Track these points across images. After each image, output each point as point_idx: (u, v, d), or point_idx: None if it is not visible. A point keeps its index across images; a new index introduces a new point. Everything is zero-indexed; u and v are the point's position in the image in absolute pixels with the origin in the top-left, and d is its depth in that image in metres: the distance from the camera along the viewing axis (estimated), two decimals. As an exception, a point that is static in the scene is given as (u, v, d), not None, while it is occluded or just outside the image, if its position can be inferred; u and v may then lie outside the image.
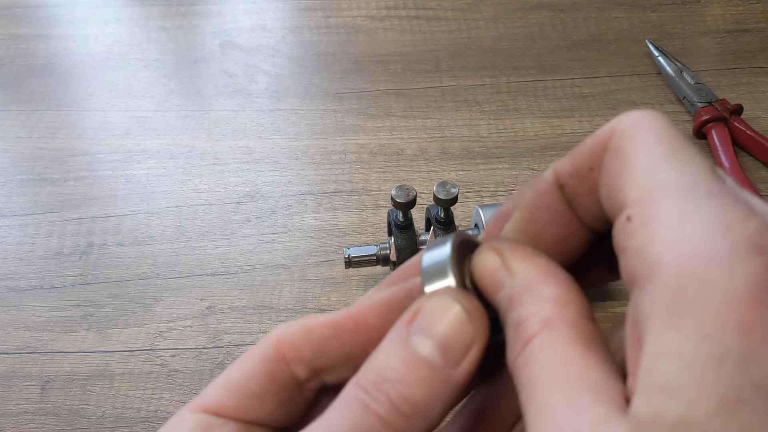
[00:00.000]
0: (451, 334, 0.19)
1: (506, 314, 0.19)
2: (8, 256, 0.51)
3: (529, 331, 0.18)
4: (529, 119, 0.60)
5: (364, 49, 0.67)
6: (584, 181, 0.20)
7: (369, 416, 0.19)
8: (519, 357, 0.18)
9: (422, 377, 0.19)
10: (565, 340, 0.18)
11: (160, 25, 0.70)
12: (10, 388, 0.44)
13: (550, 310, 0.18)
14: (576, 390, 0.17)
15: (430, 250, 0.22)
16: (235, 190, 0.55)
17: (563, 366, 0.17)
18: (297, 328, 0.22)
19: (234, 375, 0.22)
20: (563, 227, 0.21)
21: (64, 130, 0.60)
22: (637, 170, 0.17)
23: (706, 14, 0.70)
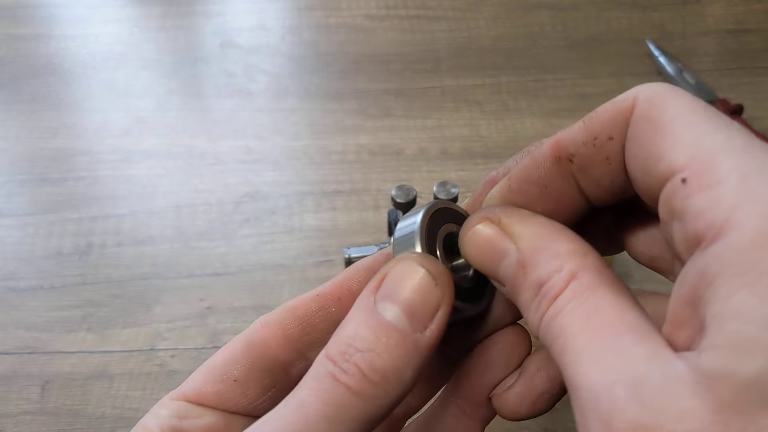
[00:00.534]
0: (416, 297, 0.19)
1: (517, 281, 0.19)
2: (8, 256, 0.51)
3: (555, 287, 0.18)
4: (530, 119, 0.60)
5: (364, 49, 0.67)
6: (600, 150, 0.19)
7: (339, 389, 0.18)
8: (546, 314, 0.18)
9: (391, 344, 0.19)
10: (594, 288, 0.17)
11: (160, 25, 0.70)
12: (10, 388, 0.44)
13: (572, 262, 0.18)
14: (616, 331, 0.16)
15: (404, 219, 0.22)
16: (235, 190, 0.55)
17: (598, 312, 0.17)
18: (280, 309, 0.22)
19: (216, 362, 0.22)
20: (553, 202, 0.21)
21: (64, 130, 0.60)
22: (681, 136, 0.17)
23: (707, 14, 0.70)
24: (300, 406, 0.18)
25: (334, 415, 0.18)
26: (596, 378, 0.16)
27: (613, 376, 0.15)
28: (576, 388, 0.16)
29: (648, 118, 0.18)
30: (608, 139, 0.19)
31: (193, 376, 0.22)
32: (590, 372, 0.16)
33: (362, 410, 0.18)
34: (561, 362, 0.17)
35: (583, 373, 0.16)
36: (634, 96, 0.19)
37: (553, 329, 0.17)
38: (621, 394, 0.15)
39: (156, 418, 0.21)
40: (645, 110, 0.18)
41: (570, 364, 0.16)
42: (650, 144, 0.18)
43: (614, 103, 0.19)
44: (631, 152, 0.19)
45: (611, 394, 0.15)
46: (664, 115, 0.18)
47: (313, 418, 0.18)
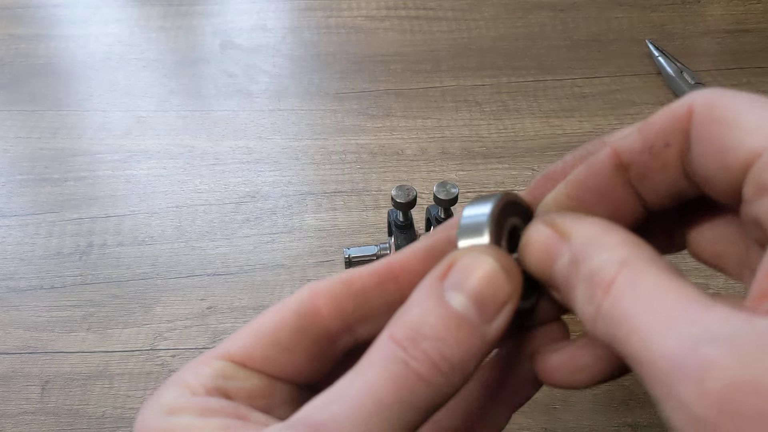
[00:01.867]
0: (486, 290, 0.19)
1: (571, 278, 0.19)
2: (8, 256, 0.51)
3: (607, 276, 0.18)
4: (529, 119, 0.60)
5: (364, 49, 0.67)
6: (657, 158, 0.20)
7: (410, 374, 0.18)
8: (603, 304, 0.17)
9: (460, 335, 0.19)
10: (649, 272, 0.17)
11: (160, 25, 0.70)
12: (10, 388, 0.44)
13: (623, 252, 0.18)
14: (683, 303, 0.16)
15: (472, 206, 0.22)
16: (235, 190, 0.55)
17: (657, 292, 0.17)
18: (335, 281, 0.22)
19: (265, 325, 0.21)
20: (611, 209, 0.21)
21: (64, 130, 0.60)
22: (755, 123, 0.18)
23: (707, 14, 0.70)
24: (372, 387, 0.18)
25: (405, 400, 0.18)
26: (676, 344, 0.15)
27: (695, 339, 0.15)
28: (651, 364, 0.16)
29: (713, 118, 0.19)
30: (665, 146, 0.20)
31: (237, 336, 0.22)
32: (667, 342, 0.15)
33: (429, 398, 0.18)
34: (628, 348, 0.16)
35: (658, 346, 0.16)
36: (689, 103, 0.19)
37: (613, 318, 0.17)
38: (711, 351, 0.15)
39: (197, 376, 0.21)
40: (706, 113, 0.19)
41: (640, 343, 0.16)
42: (724, 139, 0.18)
43: (669, 111, 0.20)
44: (701, 153, 0.19)
45: (699, 355, 0.15)
46: (728, 112, 0.19)
47: (387, 401, 0.18)
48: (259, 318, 0.22)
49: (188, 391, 0.20)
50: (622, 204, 0.21)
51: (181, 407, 0.20)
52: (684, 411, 0.15)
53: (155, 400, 0.21)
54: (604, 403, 0.43)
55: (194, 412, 0.20)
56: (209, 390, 0.20)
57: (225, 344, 0.22)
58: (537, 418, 0.42)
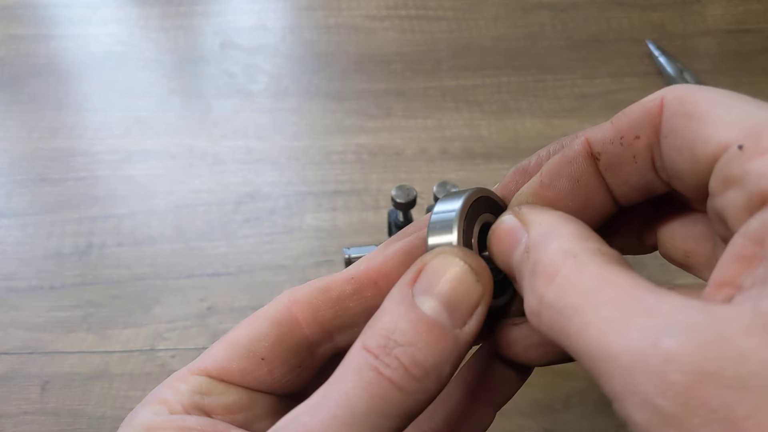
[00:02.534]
0: (457, 293, 0.19)
1: (522, 266, 0.19)
2: (8, 256, 0.51)
3: (551, 266, 0.17)
4: (530, 119, 0.60)
5: (364, 49, 0.67)
6: (628, 149, 0.20)
7: (383, 382, 0.18)
8: (545, 295, 0.17)
9: (432, 339, 0.18)
10: (596, 264, 0.17)
11: (159, 25, 0.70)
12: (10, 388, 0.44)
13: (570, 243, 0.18)
14: (636, 295, 0.16)
15: (443, 202, 0.21)
16: (235, 190, 0.55)
17: (607, 283, 0.16)
18: (312, 288, 0.22)
19: (241, 337, 0.21)
20: (582, 198, 0.21)
21: (64, 130, 0.60)
22: (724, 117, 0.18)
23: (707, 14, 0.70)
24: (345, 398, 0.18)
25: (379, 409, 0.18)
26: (634, 338, 0.15)
27: (654, 332, 0.15)
28: (608, 360, 0.15)
29: (684, 112, 0.19)
30: (635, 138, 0.20)
31: (213, 350, 0.21)
32: (624, 337, 0.15)
33: (404, 405, 0.18)
34: (581, 343, 0.16)
35: (614, 342, 0.15)
36: (661, 96, 0.19)
37: (561, 312, 0.17)
38: (672, 343, 0.14)
39: (175, 392, 0.20)
40: (678, 106, 0.19)
41: (593, 338, 0.16)
42: (693, 133, 0.18)
43: (641, 104, 0.20)
44: (672, 146, 0.19)
45: (659, 349, 0.14)
46: (699, 106, 0.18)
47: (360, 411, 0.18)
48: (234, 330, 0.22)
49: (166, 408, 0.20)
50: (594, 194, 0.21)
51: (159, 426, 0.20)
52: (647, 406, 0.14)
53: (131, 418, 0.21)
54: (605, 403, 0.43)
55: (172, 431, 0.19)
56: (187, 407, 0.20)
57: (201, 359, 0.21)
58: (537, 419, 0.42)
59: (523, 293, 0.19)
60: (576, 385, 0.43)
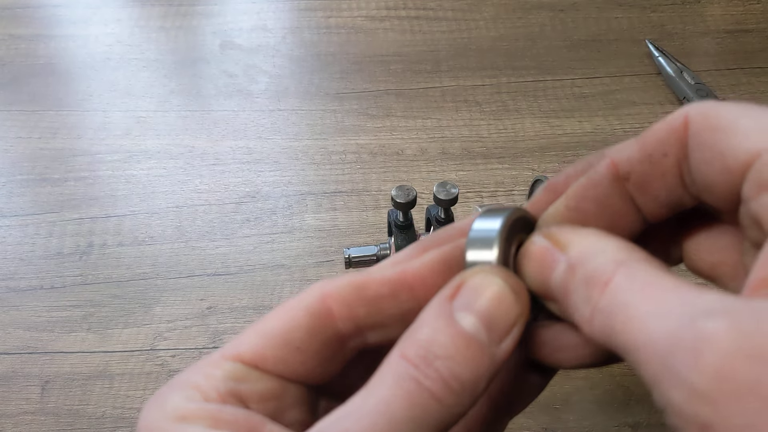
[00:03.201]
0: (496, 311, 0.20)
1: (567, 285, 0.19)
2: (8, 256, 0.51)
3: (603, 276, 0.18)
4: (529, 119, 0.60)
5: (364, 49, 0.67)
6: (656, 167, 0.20)
7: (423, 392, 0.18)
8: (599, 301, 0.18)
9: (470, 355, 0.19)
10: (644, 269, 0.18)
11: (160, 26, 0.70)
12: (10, 388, 0.44)
13: (619, 254, 0.18)
14: (678, 289, 0.17)
15: (483, 218, 0.22)
16: (235, 190, 0.55)
17: (652, 283, 0.17)
18: (347, 284, 0.22)
19: (275, 326, 0.21)
20: (609, 219, 0.21)
21: (64, 130, 0.60)
22: (751, 127, 0.18)
23: (706, 14, 0.70)
24: (385, 405, 0.18)
25: (418, 419, 0.18)
26: (673, 322, 0.16)
27: (691, 317, 0.15)
28: (648, 345, 0.16)
29: (709, 126, 0.19)
30: (663, 156, 0.20)
31: (247, 338, 0.21)
32: (663, 323, 0.16)
33: (440, 416, 0.19)
34: (624, 337, 0.17)
35: (654, 327, 0.16)
36: (684, 114, 0.20)
37: (610, 312, 0.17)
38: (708, 325, 0.15)
39: (208, 378, 0.20)
40: (703, 121, 0.20)
41: (636, 328, 0.16)
42: (721, 144, 0.19)
43: (666, 122, 0.20)
44: (700, 160, 0.19)
45: (695, 329, 0.15)
46: (724, 118, 0.19)
47: (400, 419, 0.18)
48: (268, 319, 0.22)
49: (200, 395, 0.20)
50: (621, 215, 0.21)
51: (194, 414, 0.19)
52: (682, 386, 0.15)
53: (161, 401, 0.20)
54: (605, 402, 0.43)
55: (207, 421, 0.19)
56: (222, 394, 0.20)
57: (233, 345, 0.21)
58: (537, 418, 0.42)
59: (567, 312, 0.19)
60: (576, 384, 0.43)
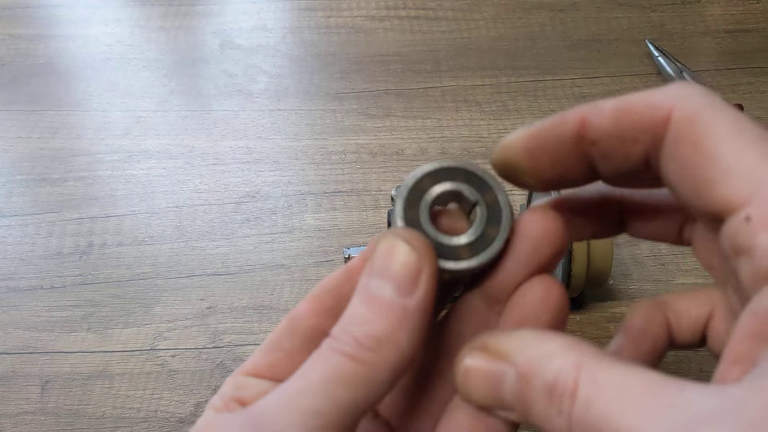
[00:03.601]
0: (398, 267, 0.20)
1: (525, 395, 0.19)
2: (8, 256, 0.51)
3: (568, 382, 0.17)
4: (530, 119, 0.60)
5: (364, 49, 0.67)
6: (624, 147, 0.20)
7: (339, 357, 0.20)
8: (573, 412, 0.17)
9: (381, 312, 0.20)
10: (605, 369, 0.17)
11: (160, 26, 0.70)
12: (10, 388, 0.44)
13: (570, 355, 0.18)
14: (654, 391, 0.16)
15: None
16: (235, 190, 0.55)
17: (622, 386, 0.17)
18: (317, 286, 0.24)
19: (267, 340, 0.24)
20: (561, 170, 0.22)
21: (64, 130, 0.60)
22: (732, 166, 0.17)
23: (706, 14, 0.70)
24: (302, 374, 0.20)
25: (333, 378, 0.19)
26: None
27: (687, 425, 0.15)
28: None
29: (692, 140, 0.18)
30: (634, 142, 0.20)
31: (252, 356, 0.24)
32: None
33: (362, 373, 0.20)
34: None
35: None
36: (670, 106, 0.19)
37: (591, 424, 0.17)
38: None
39: (220, 395, 0.23)
40: (685, 129, 0.19)
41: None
42: (698, 169, 0.18)
43: (648, 106, 0.20)
44: (676, 171, 0.19)
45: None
46: (707, 138, 0.18)
47: (312, 380, 0.20)
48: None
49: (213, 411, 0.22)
50: (574, 168, 0.22)
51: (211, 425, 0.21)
52: None
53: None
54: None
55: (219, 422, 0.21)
56: (227, 402, 0.22)
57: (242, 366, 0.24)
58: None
59: (533, 421, 0.19)
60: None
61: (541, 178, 0.22)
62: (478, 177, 0.23)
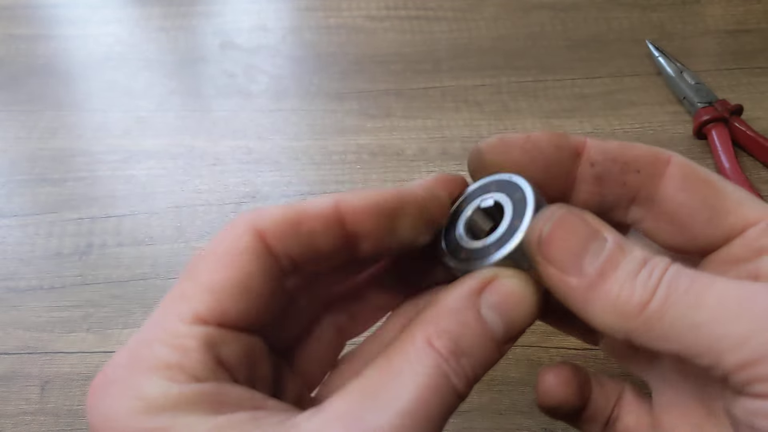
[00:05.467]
0: (518, 318, 0.21)
1: (615, 258, 0.20)
2: (8, 256, 0.51)
3: (661, 262, 0.20)
4: (530, 120, 0.60)
5: (364, 49, 0.67)
6: (623, 174, 0.23)
7: (451, 389, 0.19)
8: (665, 276, 0.19)
9: (489, 354, 0.20)
10: (687, 270, 0.20)
11: (160, 26, 0.70)
12: (10, 388, 0.44)
13: (662, 256, 0.21)
14: (730, 295, 0.19)
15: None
16: (235, 190, 0.55)
17: (705, 286, 0.19)
18: (281, 220, 0.20)
19: (225, 276, 0.19)
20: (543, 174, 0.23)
21: (64, 130, 0.60)
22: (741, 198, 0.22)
23: (707, 14, 0.70)
24: (421, 399, 0.18)
25: (445, 413, 0.19)
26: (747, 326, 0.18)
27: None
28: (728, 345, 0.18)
29: (700, 177, 0.22)
30: (635, 171, 0.23)
31: (194, 295, 0.19)
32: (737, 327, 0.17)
33: (454, 408, 0.20)
34: (703, 316, 0.18)
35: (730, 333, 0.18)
36: (669, 154, 0.23)
37: (683, 287, 0.18)
38: None
39: (186, 352, 0.17)
40: (690, 168, 0.22)
41: (710, 336, 0.18)
42: (711, 200, 0.22)
43: (651, 148, 0.23)
44: (688, 202, 0.22)
45: None
46: (711, 176, 0.22)
47: (434, 414, 0.18)
48: (207, 271, 0.19)
49: (183, 375, 0.17)
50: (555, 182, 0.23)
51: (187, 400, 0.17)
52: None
53: (127, 390, 0.17)
54: (605, 403, 0.43)
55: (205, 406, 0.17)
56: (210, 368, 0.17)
57: (185, 304, 0.18)
58: (537, 419, 0.42)
59: (606, 283, 0.19)
60: (576, 385, 0.43)
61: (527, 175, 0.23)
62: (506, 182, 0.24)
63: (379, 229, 0.20)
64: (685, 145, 0.57)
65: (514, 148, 0.23)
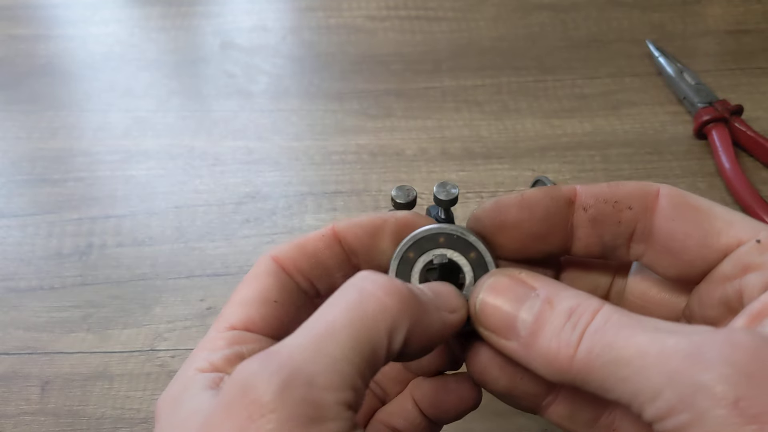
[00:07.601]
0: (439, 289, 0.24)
1: (543, 315, 0.22)
2: (8, 256, 0.51)
3: (590, 308, 0.21)
4: (530, 120, 0.60)
5: (364, 49, 0.67)
6: (617, 213, 0.24)
7: (363, 296, 0.21)
8: (588, 328, 0.20)
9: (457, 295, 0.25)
10: (619, 312, 0.21)
11: (160, 26, 0.70)
12: (10, 388, 0.44)
13: (593, 299, 0.22)
14: (662, 327, 0.20)
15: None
16: (235, 190, 0.55)
17: (636, 321, 0.20)
18: (291, 245, 0.25)
19: (249, 293, 0.24)
20: (544, 232, 0.24)
21: (64, 130, 0.60)
22: (732, 219, 0.22)
23: (707, 14, 0.70)
24: (325, 314, 0.21)
25: (358, 318, 0.21)
26: (688, 338, 0.19)
27: (705, 334, 0.19)
28: (663, 353, 0.19)
29: (689, 204, 0.23)
30: (627, 208, 0.24)
31: (229, 312, 0.24)
32: (676, 338, 0.19)
33: (386, 316, 0.21)
34: (624, 351, 0.19)
35: (668, 341, 0.19)
36: (657, 187, 0.24)
37: (606, 334, 0.20)
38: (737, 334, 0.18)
39: (214, 350, 0.22)
40: (680, 198, 0.23)
41: (643, 341, 0.19)
42: (704, 223, 0.23)
43: (639, 184, 0.24)
44: (680, 228, 0.23)
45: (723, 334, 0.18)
46: (701, 203, 0.23)
47: (339, 323, 0.20)
48: (237, 294, 0.25)
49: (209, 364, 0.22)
50: (554, 235, 0.25)
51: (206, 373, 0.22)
52: (715, 381, 0.18)
53: (177, 385, 0.22)
54: (605, 403, 0.43)
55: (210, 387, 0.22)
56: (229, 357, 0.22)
57: (222, 321, 0.24)
58: (537, 419, 0.42)
59: (531, 345, 0.22)
60: (576, 386, 0.43)
61: (527, 232, 0.24)
62: (456, 237, 0.25)
63: (367, 244, 0.25)
64: (685, 145, 0.57)
65: (510, 209, 0.24)
